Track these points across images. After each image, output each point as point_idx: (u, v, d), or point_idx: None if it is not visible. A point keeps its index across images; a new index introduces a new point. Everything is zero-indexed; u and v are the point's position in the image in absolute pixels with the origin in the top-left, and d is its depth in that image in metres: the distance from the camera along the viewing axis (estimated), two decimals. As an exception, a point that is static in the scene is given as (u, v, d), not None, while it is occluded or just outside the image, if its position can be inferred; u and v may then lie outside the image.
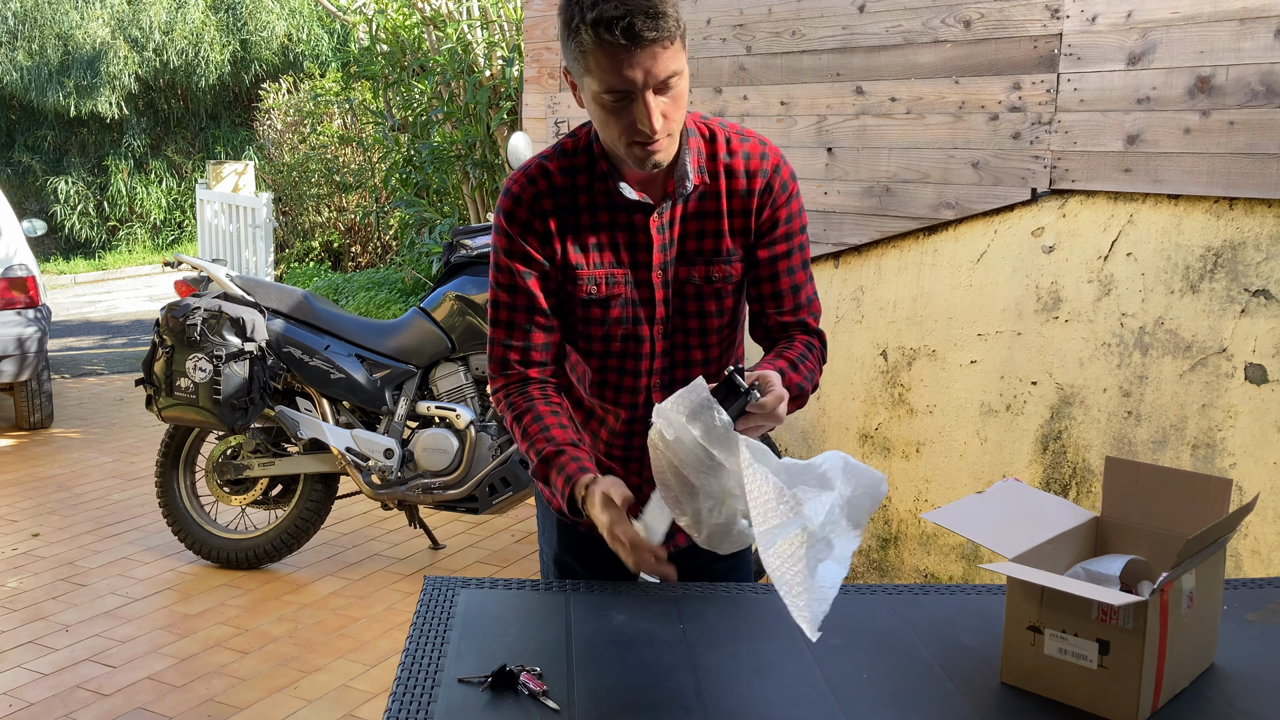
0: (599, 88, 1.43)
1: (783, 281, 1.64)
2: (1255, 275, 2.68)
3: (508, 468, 3.66)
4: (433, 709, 1.27)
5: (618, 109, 1.44)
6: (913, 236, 3.35)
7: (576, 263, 1.59)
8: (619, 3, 1.38)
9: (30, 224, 6.22)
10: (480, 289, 3.69)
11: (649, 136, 1.45)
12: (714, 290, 1.63)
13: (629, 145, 1.48)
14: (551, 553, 1.85)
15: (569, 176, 1.58)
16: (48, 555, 4.11)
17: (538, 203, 1.58)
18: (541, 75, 4.55)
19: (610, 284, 1.61)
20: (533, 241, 1.58)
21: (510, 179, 1.61)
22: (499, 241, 1.60)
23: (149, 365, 3.65)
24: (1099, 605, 1.27)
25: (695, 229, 1.60)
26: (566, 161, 1.59)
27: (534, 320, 1.61)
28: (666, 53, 1.41)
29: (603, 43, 1.39)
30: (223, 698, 3.05)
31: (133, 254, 14.68)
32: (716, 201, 1.60)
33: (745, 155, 1.60)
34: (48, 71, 14.02)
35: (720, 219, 1.60)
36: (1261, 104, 2.62)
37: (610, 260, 1.60)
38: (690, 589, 1.66)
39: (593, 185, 1.58)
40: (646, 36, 1.38)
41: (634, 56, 1.39)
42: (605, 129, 1.49)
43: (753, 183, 1.60)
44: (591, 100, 1.47)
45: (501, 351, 1.63)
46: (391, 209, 8.43)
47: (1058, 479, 3.08)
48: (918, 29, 3.26)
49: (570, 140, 1.61)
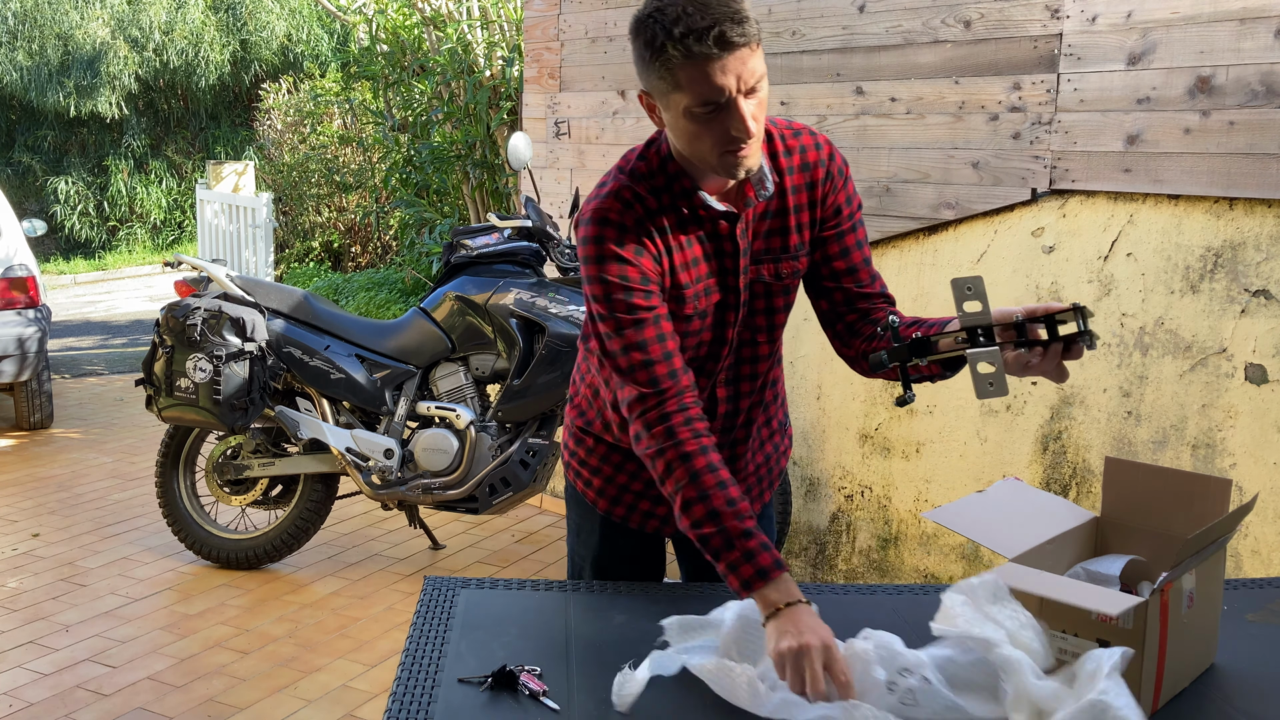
0: (691, 101, 1.42)
1: (854, 256, 1.67)
2: (1255, 275, 2.68)
3: (508, 468, 3.66)
4: (433, 709, 1.27)
5: (709, 120, 1.43)
6: (913, 236, 3.35)
7: (684, 281, 1.58)
8: (704, 13, 1.38)
9: (30, 224, 6.21)
10: (480, 289, 3.69)
11: (742, 143, 1.44)
12: (783, 286, 1.66)
13: (722, 155, 1.46)
14: (590, 555, 1.84)
15: (656, 198, 1.57)
16: (48, 555, 4.11)
17: (641, 226, 1.55)
18: (541, 75, 4.55)
19: (707, 295, 1.61)
20: (646, 263, 1.54)
21: (605, 209, 1.54)
22: (610, 268, 1.52)
23: (149, 365, 3.65)
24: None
25: (764, 229, 1.62)
26: (648, 184, 1.57)
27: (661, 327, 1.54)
28: (754, 56, 1.42)
29: (693, 55, 1.38)
30: (223, 698, 3.05)
31: (133, 254, 14.68)
32: (782, 200, 1.61)
33: (801, 150, 1.62)
34: (48, 71, 14.02)
35: (786, 216, 1.62)
36: (1261, 104, 2.62)
37: (705, 272, 1.60)
38: (690, 589, 1.66)
39: (676, 203, 1.57)
40: (736, 41, 1.39)
41: (725, 63, 1.39)
42: (696, 143, 1.47)
43: (814, 174, 1.62)
44: (680, 116, 1.45)
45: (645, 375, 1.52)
46: (391, 209, 8.43)
47: (1058, 479, 3.08)
48: (918, 29, 3.26)
49: (643, 164, 1.58)
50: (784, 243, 1.63)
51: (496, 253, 3.74)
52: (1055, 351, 1.38)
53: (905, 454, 3.44)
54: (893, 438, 3.46)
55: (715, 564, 1.45)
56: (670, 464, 1.49)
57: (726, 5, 1.39)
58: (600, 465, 1.79)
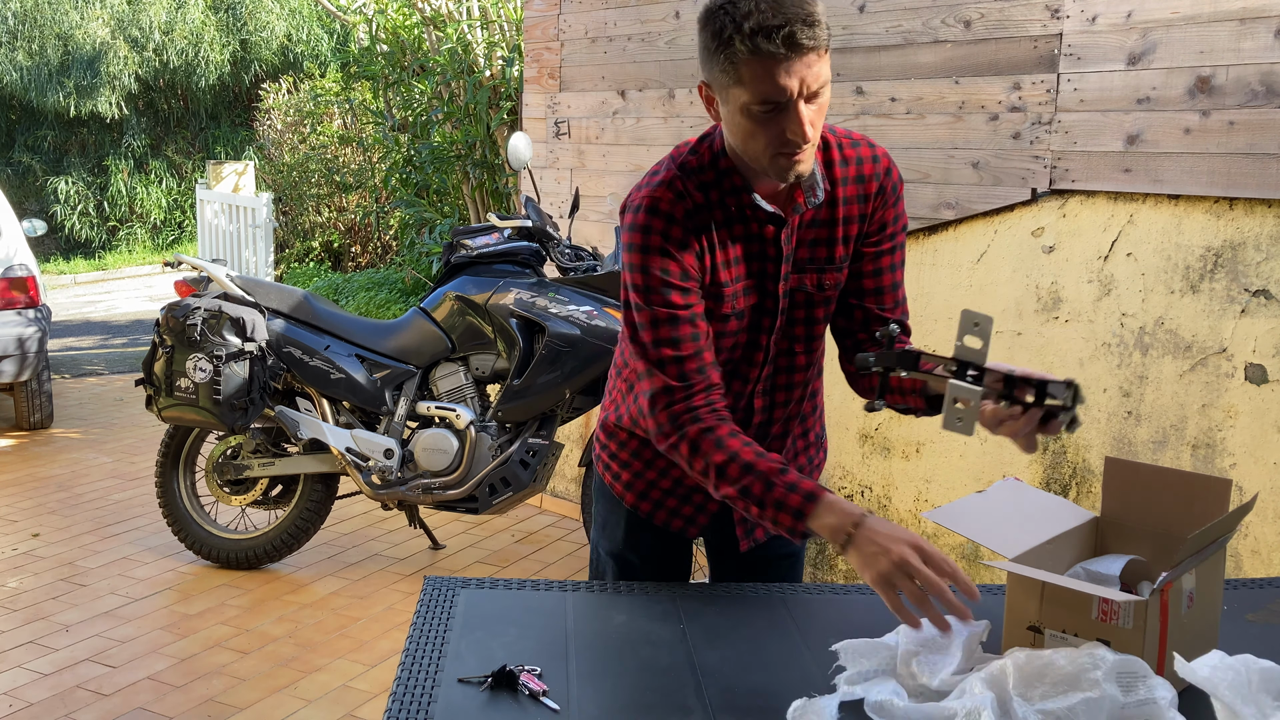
0: (751, 98, 1.41)
1: (885, 278, 1.65)
2: (1255, 275, 2.68)
3: (508, 468, 3.66)
4: (433, 709, 1.27)
5: (767, 120, 1.42)
6: (913, 236, 3.35)
7: (724, 279, 1.57)
8: (776, 12, 1.36)
9: (30, 224, 6.22)
10: (480, 289, 3.69)
11: (797, 147, 1.43)
12: (824, 298, 1.64)
13: (775, 156, 1.45)
14: (612, 549, 1.84)
15: (704, 193, 1.56)
16: (48, 555, 4.11)
17: (690, 220, 1.54)
18: (541, 75, 4.55)
19: (747, 295, 1.60)
20: (689, 259, 1.54)
21: (657, 198, 1.53)
22: (654, 261, 1.52)
23: (149, 365, 3.65)
24: (1099, 605, 1.27)
25: (810, 237, 1.60)
26: (699, 178, 1.56)
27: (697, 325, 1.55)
28: (821, 61, 1.40)
29: (760, 52, 1.37)
30: (223, 698, 3.05)
31: (133, 254, 14.68)
32: (831, 210, 1.59)
33: (858, 161, 1.60)
34: (48, 71, 14.02)
35: (835, 227, 1.60)
36: (1261, 104, 2.62)
37: (745, 273, 1.59)
38: (690, 589, 1.66)
39: (725, 200, 1.56)
40: (806, 45, 1.37)
41: (791, 65, 1.37)
42: (750, 141, 1.46)
43: (867, 187, 1.60)
44: (738, 112, 1.44)
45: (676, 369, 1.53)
46: (391, 209, 8.43)
47: (1058, 479, 3.08)
48: (918, 29, 3.26)
49: (694, 158, 1.57)
50: (829, 253, 1.61)
51: (496, 253, 3.74)
52: (1033, 418, 1.33)
53: (905, 454, 3.44)
54: (893, 438, 3.46)
55: (764, 516, 1.46)
56: (695, 442, 1.51)
57: (800, 6, 1.37)
58: (630, 460, 1.78)
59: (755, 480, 1.46)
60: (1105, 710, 1.13)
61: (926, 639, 1.32)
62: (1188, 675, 1.14)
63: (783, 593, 1.65)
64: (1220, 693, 1.12)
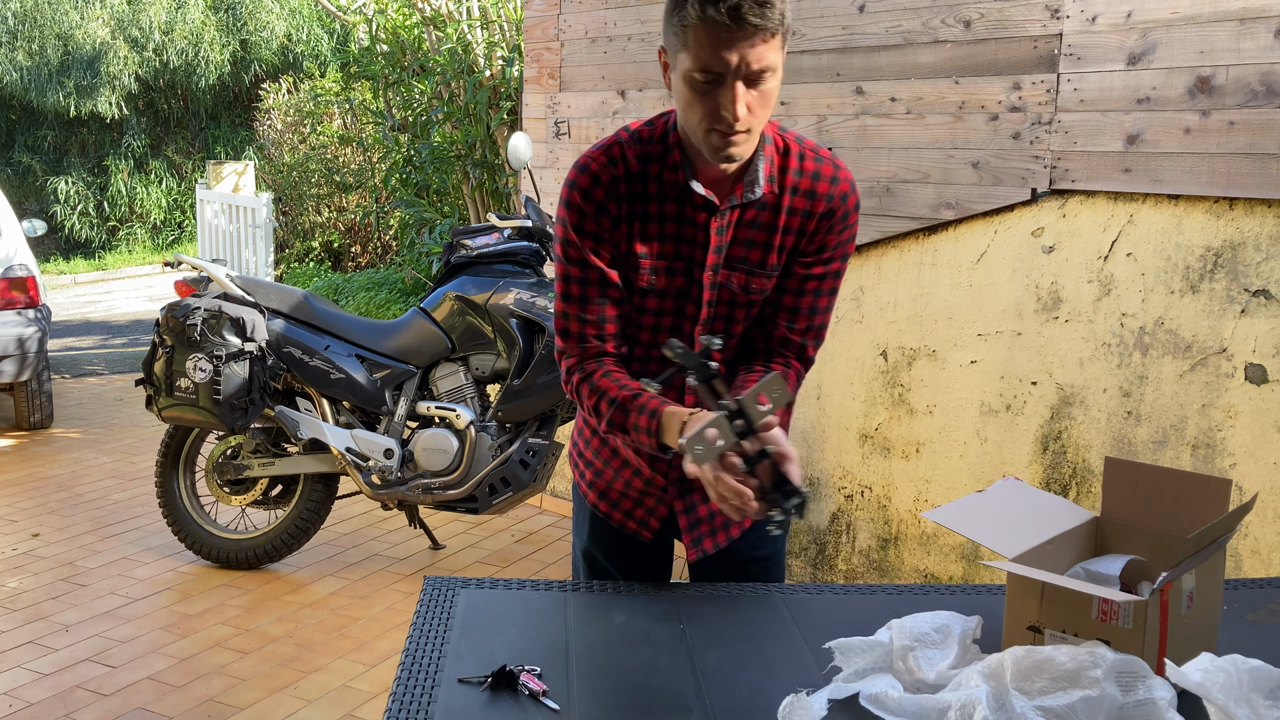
0: (692, 65, 1.42)
1: (805, 300, 1.63)
2: (1255, 275, 2.68)
3: (508, 468, 3.66)
4: (432, 709, 1.27)
5: (705, 91, 1.43)
6: (913, 236, 3.35)
7: (641, 251, 1.60)
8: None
9: (30, 224, 6.21)
10: (480, 289, 3.69)
11: (730, 126, 1.44)
12: (747, 300, 1.63)
13: (707, 132, 1.46)
14: (581, 545, 1.87)
15: (643, 164, 1.58)
16: (48, 555, 4.11)
17: (615, 185, 1.57)
18: (541, 75, 4.55)
19: (669, 275, 1.61)
20: (605, 223, 1.58)
21: (588, 157, 1.59)
22: (570, 217, 1.59)
23: (149, 365, 3.65)
24: (1099, 605, 1.27)
25: (747, 237, 1.59)
26: (643, 148, 1.58)
27: (607, 294, 1.61)
28: (765, 45, 1.40)
29: (705, 18, 1.39)
30: (223, 698, 3.05)
31: (133, 254, 14.68)
32: (775, 216, 1.59)
33: (814, 175, 1.59)
34: (48, 71, 14.02)
35: (774, 233, 1.59)
36: (1261, 104, 2.62)
37: (670, 252, 1.60)
38: (690, 589, 1.66)
39: (663, 175, 1.57)
40: (750, 21, 1.38)
41: (734, 39, 1.39)
42: (688, 111, 1.48)
43: (814, 204, 1.59)
44: (681, 80, 1.46)
45: (577, 326, 1.62)
46: (391, 209, 8.43)
47: (1058, 479, 3.08)
48: (918, 29, 3.26)
49: (647, 128, 1.60)
50: (762, 258, 1.61)
51: (496, 253, 3.74)
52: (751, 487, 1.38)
53: (905, 454, 3.44)
54: (893, 438, 3.46)
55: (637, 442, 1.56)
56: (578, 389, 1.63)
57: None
58: (593, 459, 1.80)
59: (616, 411, 1.56)
60: (1104, 709, 1.13)
61: (921, 634, 1.32)
62: (1179, 680, 1.14)
63: (783, 593, 1.65)
64: (1213, 695, 1.12)
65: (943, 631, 1.31)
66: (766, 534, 1.83)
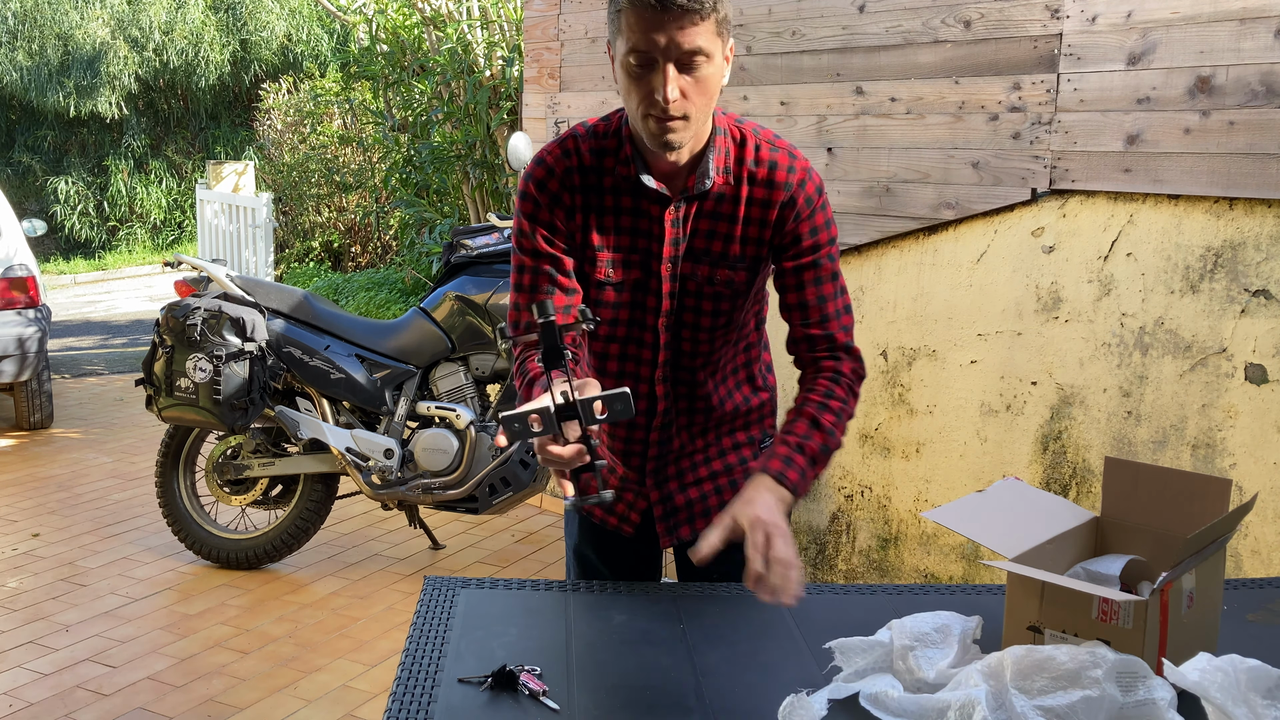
0: (624, 49, 1.44)
1: (808, 292, 1.63)
2: (1255, 275, 2.68)
3: (508, 468, 3.66)
4: (433, 709, 1.27)
5: (639, 75, 1.45)
6: (913, 236, 3.35)
7: (597, 244, 1.61)
8: None
9: (30, 224, 6.22)
10: (480, 289, 3.69)
11: (663, 110, 1.45)
12: (714, 292, 1.63)
13: (644, 118, 1.48)
14: (572, 545, 1.88)
15: (597, 158, 1.60)
16: (48, 555, 4.11)
17: (569, 177, 1.59)
18: (541, 75, 4.55)
19: (626, 268, 1.62)
20: (559, 214, 1.60)
21: (544, 150, 1.62)
22: (525, 207, 1.61)
23: (149, 365, 3.65)
24: (1099, 605, 1.27)
25: (707, 228, 1.60)
26: (597, 142, 1.60)
27: (557, 283, 1.62)
28: (695, 28, 1.42)
29: (634, 1, 1.41)
30: (223, 698, 3.05)
31: (133, 254, 14.68)
32: (734, 206, 1.59)
33: (771, 165, 1.59)
34: (48, 71, 14.02)
35: (734, 224, 1.60)
36: (1261, 104, 2.62)
37: (627, 245, 1.61)
38: (690, 589, 1.66)
39: (616, 169, 1.59)
40: (675, 4, 1.39)
41: (661, 20, 1.40)
42: (627, 98, 1.49)
43: (774, 194, 1.59)
44: (619, 66, 1.48)
45: (527, 315, 1.63)
46: (391, 209, 8.43)
47: (1058, 479, 3.08)
48: (918, 29, 3.26)
49: (603, 124, 1.62)
50: (725, 249, 1.61)
51: (496, 253, 3.74)
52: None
53: (905, 454, 3.44)
54: (893, 438, 3.46)
55: None
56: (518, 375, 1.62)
57: None
58: None
59: (525, 388, 1.56)
60: (1105, 709, 1.13)
61: (921, 633, 1.32)
62: (1177, 679, 1.14)
63: (783, 593, 1.65)
64: (1211, 695, 1.12)
65: (943, 631, 1.31)
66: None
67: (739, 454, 1.79)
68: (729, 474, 1.78)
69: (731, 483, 1.78)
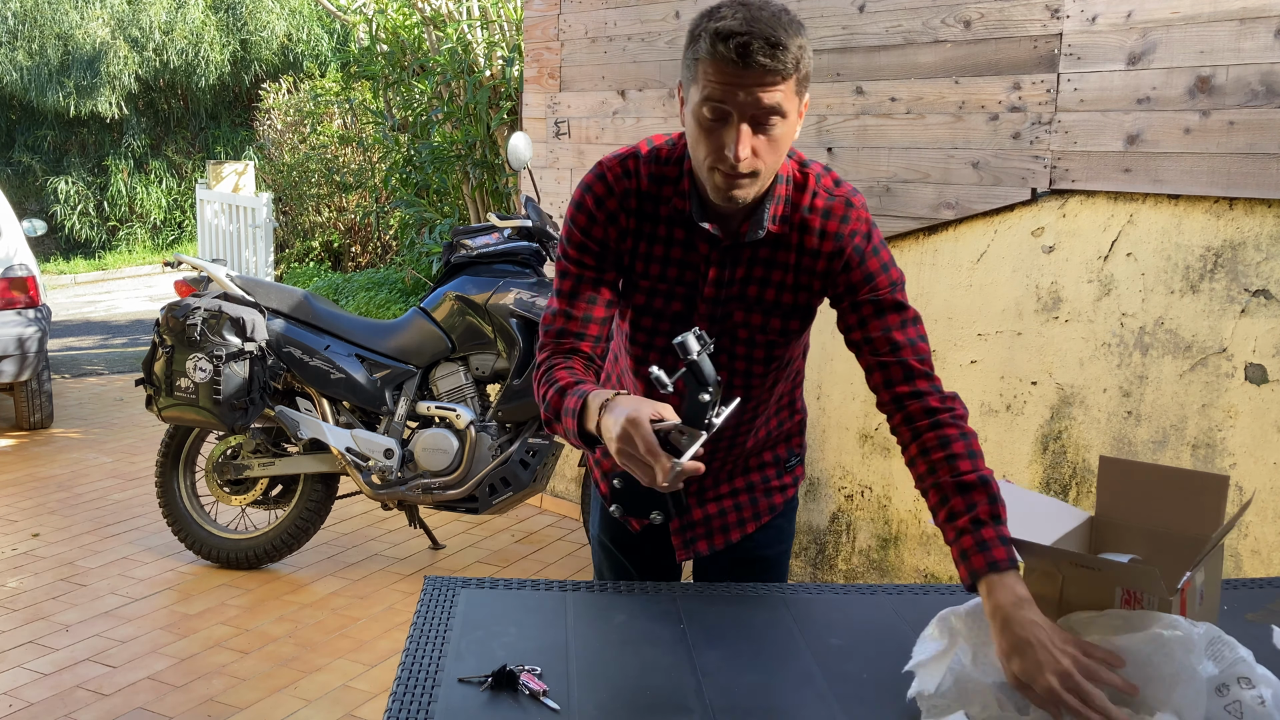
0: (698, 98, 1.41)
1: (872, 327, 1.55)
2: (1255, 275, 2.68)
3: (508, 468, 3.66)
4: (433, 709, 1.27)
5: (711, 128, 1.42)
6: (913, 236, 3.35)
7: (642, 270, 1.60)
8: (745, 20, 1.36)
9: (30, 224, 6.21)
10: (480, 289, 3.69)
11: (732, 167, 1.42)
12: (768, 340, 1.61)
13: (711, 170, 1.45)
14: (596, 534, 1.89)
15: (656, 184, 1.57)
16: (48, 555, 4.11)
17: (626, 199, 1.57)
18: (541, 75, 4.55)
19: (668, 299, 1.60)
20: (613, 232, 1.58)
21: (605, 166, 1.59)
22: (578, 218, 1.59)
23: (149, 365, 3.65)
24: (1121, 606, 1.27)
25: (761, 275, 1.57)
26: (659, 168, 1.57)
27: (599, 297, 1.60)
28: (775, 88, 1.38)
29: (716, 54, 1.37)
30: (223, 698, 3.05)
31: (133, 254, 14.68)
32: (788, 253, 1.56)
33: (825, 214, 1.55)
34: (48, 71, 14.01)
35: (787, 272, 1.57)
36: (1261, 104, 2.62)
37: (673, 276, 1.59)
38: (690, 589, 1.66)
39: (674, 200, 1.56)
40: (759, 62, 1.35)
41: (741, 78, 1.37)
42: (695, 147, 1.46)
43: (823, 244, 1.55)
44: (691, 114, 1.44)
45: (561, 322, 1.61)
46: (391, 209, 8.43)
47: (1058, 479, 3.08)
48: (918, 29, 3.26)
49: (667, 147, 1.58)
50: (777, 298, 1.58)
51: (496, 253, 3.74)
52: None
53: (905, 454, 3.43)
54: (892, 438, 3.46)
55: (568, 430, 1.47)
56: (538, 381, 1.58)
57: (771, 28, 1.36)
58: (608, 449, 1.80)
59: (555, 394, 1.51)
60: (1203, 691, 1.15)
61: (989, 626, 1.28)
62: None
63: (782, 593, 1.65)
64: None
65: None
66: (775, 532, 1.83)
67: (763, 473, 1.79)
68: (750, 491, 1.78)
69: (752, 499, 1.78)
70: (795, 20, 1.40)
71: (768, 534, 1.81)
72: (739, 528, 1.79)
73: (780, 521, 1.84)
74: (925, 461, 1.47)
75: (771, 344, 1.61)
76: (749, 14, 1.37)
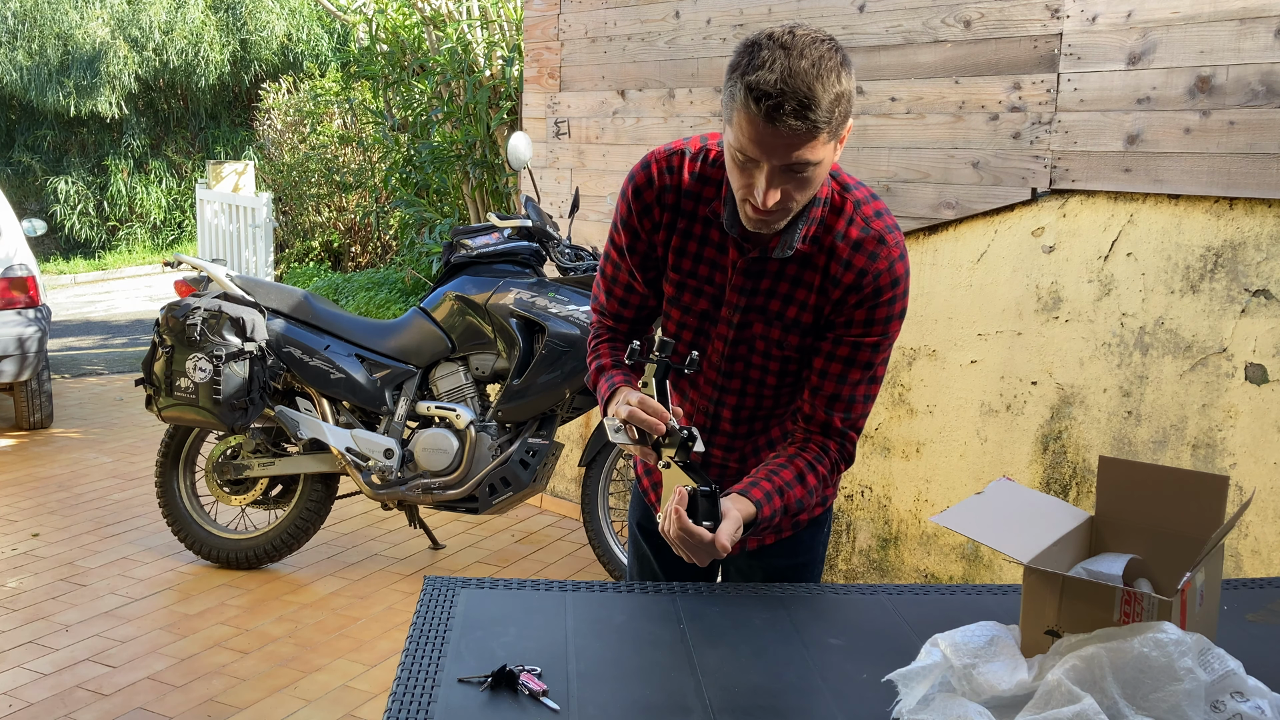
0: (731, 140, 1.42)
1: (832, 371, 1.59)
2: (1255, 275, 2.68)
3: (508, 468, 3.66)
4: (433, 709, 1.27)
5: (744, 166, 1.42)
6: (913, 236, 3.35)
7: (674, 262, 1.63)
8: (781, 80, 1.33)
9: (30, 224, 6.21)
10: (480, 289, 3.69)
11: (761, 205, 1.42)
12: (783, 355, 1.62)
13: (742, 202, 1.46)
14: (634, 520, 1.94)
15: (698, 184, 1.58)
16: (48, 555, 4.11)
17: (664, 195, 1.60)
18: (541, 75, 4.55)
19: (696, 297, 1.63)
20: (647, 224, 1.62)
21: (654, 156, 1.61)
22: (621, 207, 1.65)
23: (149, 365, 3.65)
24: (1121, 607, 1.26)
25: (785, 291, 1.58)
26: (703, 169, 1.58)
27: (634, 282, 1.69)
28: (805, 145, 1.36)
29: (748, 109, 1.35)
30: (223, 698, 3.05)
31: (133, 254, 14.68)
32: (814, 274, 1.56)
33: (855, 245, 1.53)
34: (48, 71, 14.02)
35: (810, 292, 1.57)
36: (1261, 104, 2.62)
37: (704, 275, 1.62)
38: (690, 589, 1.66)
39: (713, 203, 1.58)
40: (787, 124, 1.34)
41: (769, 136, 1.36)
42: (730, 174, 1.47)
43: (845, 275, 1.54)
44: (727, 147, 1.45)
45: (602, 300, 1.74)
46: (391, 209, 8.43)
47: (1058, 479, 3.08)
48: (918, 29, 3.26)
49: (716, 149, 1.59)
50: (797, 316, 1.59)
51: (496, 253, 3.74)
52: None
53: (905, 454, 3.44)
54: (893, 438, 3.46)
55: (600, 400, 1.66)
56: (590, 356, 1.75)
57: (807, 87, 1.33)
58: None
59: (596, 371, 1.70)
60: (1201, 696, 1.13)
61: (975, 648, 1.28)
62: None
63: (782, 592, 1.65)
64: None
65: (995, 643, 1.29)
66: (804, 540, 1.85)
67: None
68: None
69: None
70: (837, 63, 1.37)
71: (797, 539, 1.83)
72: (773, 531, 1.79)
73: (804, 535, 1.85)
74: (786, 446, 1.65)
75: (787, 359, 1.62)
76: (788, 64, 1.33)
